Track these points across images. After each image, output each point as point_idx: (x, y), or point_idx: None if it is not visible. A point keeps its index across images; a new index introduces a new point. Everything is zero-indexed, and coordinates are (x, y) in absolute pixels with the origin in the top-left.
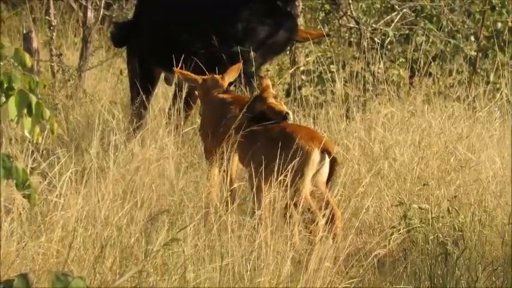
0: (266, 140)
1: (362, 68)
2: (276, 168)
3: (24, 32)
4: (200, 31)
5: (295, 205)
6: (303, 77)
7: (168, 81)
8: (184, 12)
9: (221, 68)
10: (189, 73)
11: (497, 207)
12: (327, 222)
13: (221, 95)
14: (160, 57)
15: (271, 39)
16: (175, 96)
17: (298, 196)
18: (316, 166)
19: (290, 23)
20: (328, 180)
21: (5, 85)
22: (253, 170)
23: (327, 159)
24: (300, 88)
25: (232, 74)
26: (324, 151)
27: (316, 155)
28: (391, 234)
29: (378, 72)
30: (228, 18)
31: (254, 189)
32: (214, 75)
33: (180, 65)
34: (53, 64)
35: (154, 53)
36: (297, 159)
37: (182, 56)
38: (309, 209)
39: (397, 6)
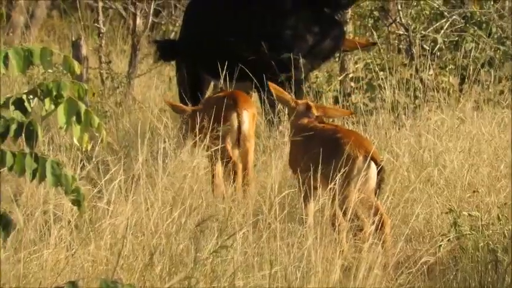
0: (314, 146)
1: (411, 74)
2: (322, 175)
3: (74, 39)
4: (249, 38)
5: (343, 213)
6: (352, 84)
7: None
8: (233, 19)
9: (269, 74)
10: (283, 91)
11: None
12: (376, 230)
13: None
14: (209, 64)
15: (319, 46)
16: None
17: (345, 203)
18: (362, 174)
19: (337, 31)
20: (377, 188)
21: (54, 93)
22: (300, 175)
23: (373, 167)
24: (349, 95)
25: (331, 112)
26: (370, 159)
27: (361, 163)
28: (441, 242)
29: (428, 79)
30: (276, 26)
31: (302, 196)
32: (309, 102)
33: (225, 71)
34: (102, 71)
35: (203, 60)
36: (343, 166)
37: (231, 62)
38: (357, 217)
39: (446, 13)
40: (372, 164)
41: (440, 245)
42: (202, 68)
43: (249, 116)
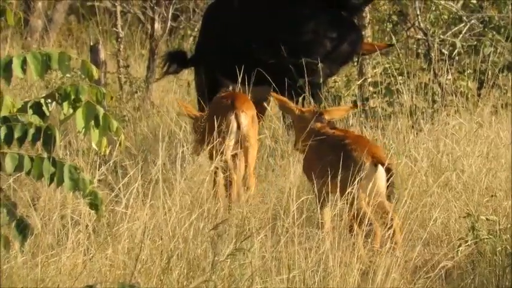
0: (325, 152)
1: (430, 79)
2: (332, 180)
3: (92, 44)
4: (268, 42)
5: (354, 217)
6: (371, 88)
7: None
8: (252, 23)
9: (288, 78)
10: (286, 100)
11: None
12: (386, 233)
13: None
14: (227, 68)
15: (337, 50)
16: None
17: (355, 208)
18: (370, 178)
19: (355, 35)
20: (388, 192)
21: (72, 97)
22: (315, 181)
23: (381, 171)
24: (367, 99)
25: (335, 113)
26: (377, 163)
27: (368, 168)
28: (459, 246)
29: (446, 84)
30: (295, 30)
31: (317, 202)
32: (315, 109)
33: (244, 75)
34: (120, 76)
35: (222, 64)
36: (349, 171)
37: (250, 67)
38: (368, 221)
39: (465, 18)
40: (380, 168)
41: (458, 249)
42: (220, 73)
43: (247, 118)
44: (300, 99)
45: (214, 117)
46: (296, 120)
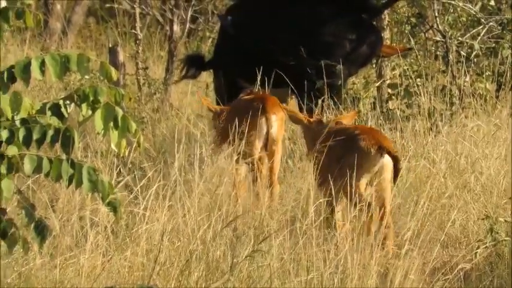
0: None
1: (448, 81)
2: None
3: (110, 45)
4: (288, 44)
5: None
6: (389, 90)
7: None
8: (272, 25)
9: (307, 80)
10: (295, 111)
11: None
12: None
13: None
14: (245, 70)
15: (356, 52)
16: None
17: (355, 197)
18: (377, 166)
19: (375, 37)
20: (394, 179)
21: (91, 98)
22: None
23: (387, 159)
24: (386, 101)
25: (345, 120)
26: (385, 151)
27: (373, 155)
28: (477, 248)
29: (464, 86)
30: (315, 32)
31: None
32: (321, 118)
33: (263, 77)
34: (139, 78)
35: (240, 66)
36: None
37: (269, 69)
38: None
39: (483, 20)
40: (386, 156)
41: (477, 251)
42: (239, 75)
43: (277, 120)
44: (320, 101)
45: (241, 118)
46: (305, 130)
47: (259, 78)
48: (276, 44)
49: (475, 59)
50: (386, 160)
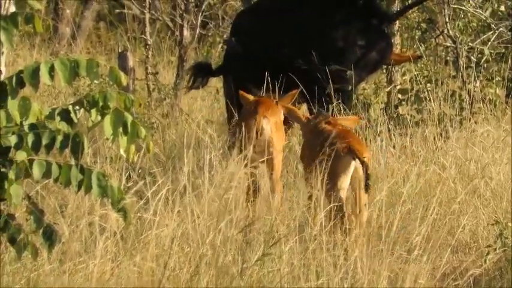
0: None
1: (458, 86)
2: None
3: (120, 50)
4: (299, 49)
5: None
6: (400, 95)
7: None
8: (283, 31)
9: (317, 85)
10: (294, 109)
11: None
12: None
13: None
14: (255, 75)
15: (367, 58)
16: None
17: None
18: (348, 170)
19: (385, 43)
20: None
21: (101, 103)
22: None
23: (357, 162)
24: (396, 107)
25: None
26: (354, 156)
27: (343, 158)
28: (487, 253)
29: (474, 91)
30: (325, 37)
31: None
32: (319, 115)
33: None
34: (148, 83)
35: (250, 72)
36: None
37: (279, 74)
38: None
39: (493, 25)
40: (356, 161)
41: (487, 257)
42: (249, 81)
43: (269, 124)
44: (330, 106)
45: (240, 122)
46: (303, 127)
47: (269, 84)
48: (286, 49)
49: (485, 65)
50: (358, 163)
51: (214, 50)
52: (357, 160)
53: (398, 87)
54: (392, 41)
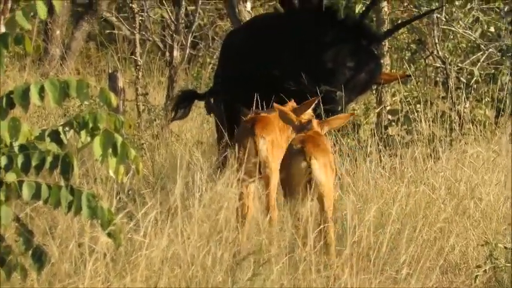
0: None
1: (448, 107)
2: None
3: (110, 71)
4: (289, 70)
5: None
6: (390, 116)
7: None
8: (273, 52)
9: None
10: (287, 111)
11: None
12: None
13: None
14: (246, 96)
15: (356, 79)
16: None
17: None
18: (302, 171)
19: (375, 64)
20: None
21: (91, 125)
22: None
23: (313, 163)
24: (386, 128)
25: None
26: (309, 159)
27: (298, 160)
28: (477, 274)
29: (464, 112)
30: (315, 58)
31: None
32: (311, 120)
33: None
34: (138, 104)
35: (240, 93)
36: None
37: (270, 95)
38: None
39: (483, 46)
40: (314, 160)
41: (476, 277)
42: (239, 101)
43: (266, 144)
44: None
45: (236, 142)
46: (295, 130)
47: (259, 104)
48: (276, 70)
49: (475, 85)
50: (313, 164)
51: (204, 71)
52: (314, 161)
53: (388, 108)
54: (382, 61)
